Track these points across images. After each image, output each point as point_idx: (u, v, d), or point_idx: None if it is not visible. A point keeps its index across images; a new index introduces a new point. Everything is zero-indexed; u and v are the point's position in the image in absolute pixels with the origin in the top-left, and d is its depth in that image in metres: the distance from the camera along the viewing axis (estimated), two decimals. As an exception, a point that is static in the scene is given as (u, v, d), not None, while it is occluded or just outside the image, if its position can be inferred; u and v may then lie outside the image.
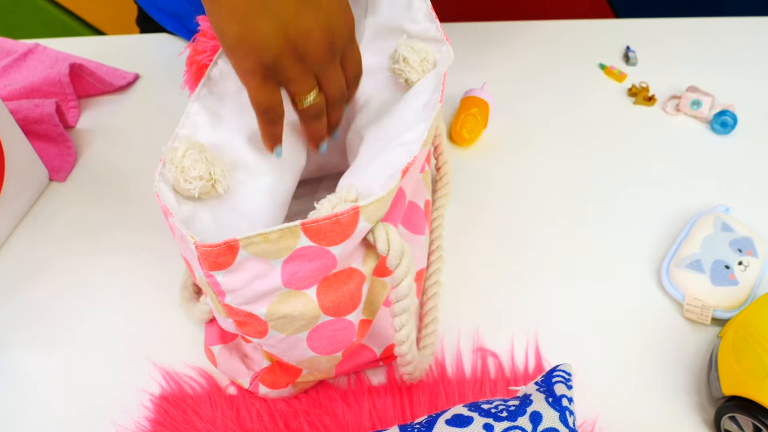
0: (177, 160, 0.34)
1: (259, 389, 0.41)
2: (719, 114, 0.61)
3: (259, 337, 0.34)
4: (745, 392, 0.37)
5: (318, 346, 0.35)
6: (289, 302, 0.32)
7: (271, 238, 0.30)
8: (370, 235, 0.32)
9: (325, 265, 0.31)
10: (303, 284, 0.32)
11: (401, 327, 0.35)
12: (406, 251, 0.32)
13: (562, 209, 0.55)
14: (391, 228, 0.32)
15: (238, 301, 0.32)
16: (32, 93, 0.61)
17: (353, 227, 0.31)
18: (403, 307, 0.34)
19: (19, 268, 0.50)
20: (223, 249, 0.30)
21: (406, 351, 0.36)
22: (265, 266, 0.31)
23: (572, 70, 0.69)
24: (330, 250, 0.31)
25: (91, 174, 0.58)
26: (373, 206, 0.31)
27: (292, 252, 0.30)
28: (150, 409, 0.41)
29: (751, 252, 0.48)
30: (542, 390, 0.30)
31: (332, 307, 0.33)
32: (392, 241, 0.32)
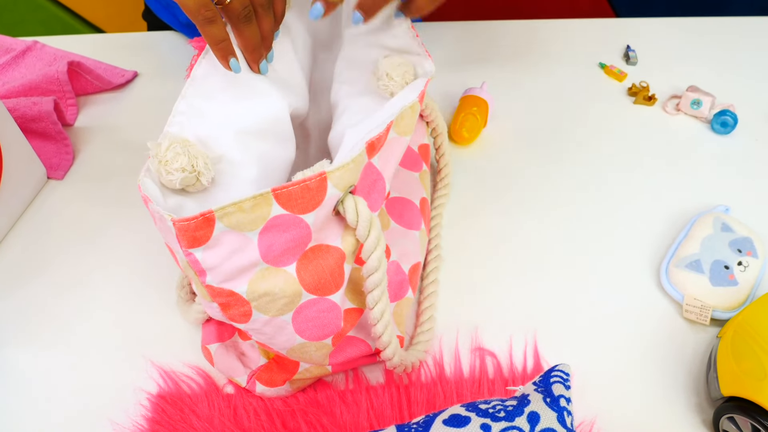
0: (161, 154, 0.35)
1: (256, 387, 0.41)
2: (719, 114, 0.61)
3: (245, 320, 0.34)
4: (743, 393, 0.37)
5: (305, 330, 0.35)
6: (269, 279, 0.33)
7: (245, 206, 0.30)
8: (341, 206, 0.33)
9: (300, 235, 0.32)
10: (281, 260, 0.33)
11: (374, 303, 0.35)
12: (374, 223, 0.33)
13: (562, 209, 0.55)
14: (360, 200, 0.33)
15: (219, 279, 0.32)
16: (30, 91, 0.61)
17: (323, 193, 0.31)
18: (375, 281, 0.34)
19: (17, 266, 0.50)
20: (200, 222, 0.30)
21: (381, 331, 0.37)
22: (241, 239, 0.31)
23: (572, 70, 0.69)
24: (303, 218, 0.31)
25: (89, 172, 0.58)
26: (338, 172, 0.32)
27: (266, 222, 0.31)
28: (147, 408, 0.41)
29: (750, 252, 0.48)
30: (540, 390, 0.30)
31: (313, 284, 0.34)
32: (360, 211, 0.33)
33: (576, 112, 0.64)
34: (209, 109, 0.39)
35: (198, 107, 0.39)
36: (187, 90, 0.39)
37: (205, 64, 0.41)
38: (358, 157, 0.33)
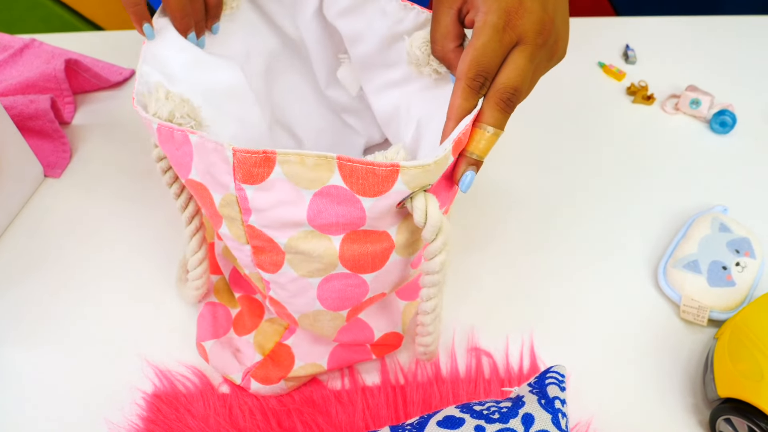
0: (162, 99, 0.34)
1: (251, 385, 0.41)
2: (718, 113, 0.61)
3: (273, 270, 0.34)
4: (740, 394, 0.37)
5: (327, 298, 0.35)
6: (311, 242, 0.32)
7: (307, 162, 0.29)
8: (409, 202, 0.31)
9: (352, 215, 0.31)
10: (329, 229, 0.32)
11: (428, 298, 0.35)
12: (444, 228, 0.31)
13: (559, 208, 0.54)
14: (432, 200, 0.31)
15: (263, 223, 0.32)
16: (28, 89, 0.61)
17: (389, 185, 0.29)
18: (433, 281, 0.33)
19: (13, 265, 0.50)
20: (260, 158, 0.29)
21: (429, 322, 0.36)
22: (294, 193, 0.30)
23: (571, 68, 0.68)
24: (360, 199, 0.30)
25: (87, 170, 0.58)
26: (413, 170, 0.29)
27: (323, 186, 0.30)
28: (143, 407, 0.41)
29: (748, 253, 0.47)
30: (535, 391, 0.30)
31: (351, 261, 0.33)
32: (431, 214, 0.30)
33: (574, 111, 0.64)
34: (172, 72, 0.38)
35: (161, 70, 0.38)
36: (146, 54, 0.38)
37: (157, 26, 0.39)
38: (442, 159, 0.30)
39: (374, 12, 0.40)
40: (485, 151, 0.32)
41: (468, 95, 0.32)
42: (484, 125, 0.32)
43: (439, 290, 0.34)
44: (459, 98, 0.32)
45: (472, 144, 0.32)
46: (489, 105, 0.32)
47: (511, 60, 0.32)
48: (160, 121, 0.32)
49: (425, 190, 0.31)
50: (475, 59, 0.31)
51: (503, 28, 0.31)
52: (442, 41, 0.35)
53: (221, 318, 0.44)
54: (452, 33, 0.35)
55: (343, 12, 0.41)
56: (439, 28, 0.35)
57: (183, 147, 0.32)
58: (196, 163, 0.32)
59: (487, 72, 0.32)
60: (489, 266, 0.50)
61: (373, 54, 0.42)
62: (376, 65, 0.43)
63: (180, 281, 0.45)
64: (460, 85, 0.32)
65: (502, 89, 0.32)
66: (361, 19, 0.41)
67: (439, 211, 0.31)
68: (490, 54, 0.31)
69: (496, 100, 0.32)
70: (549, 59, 0.34)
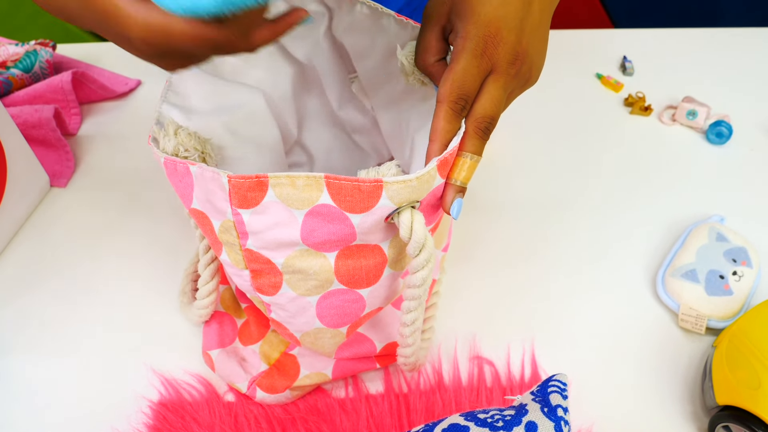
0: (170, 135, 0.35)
1: (257, 394, 0.41)
2: (715, 124, 0.62)
3: (272, 292, 0.35)
4: (738, 402, 0.37)
5: (326, 316, 0.36)
6: (306, 260, 0.33)
7: (297, 183, 0.31)
8: (396, 217, 0.32)
9: (342, 232, 0.32)
10: (323, 247, 0.33)
11: (408, 311, 0.36)
12: (428, 245, 0.32)
13: (558, 218, 0.55)
14: (419, 217, 0.32)
15: (259, 245, 0.33)
16: (35, 100, 0.62)
17: (374, 200, 0.31)
18: (414, 294, 0.34)
19: (20, 274, 0.51)
20: (254, 183, 0.31)
21: (408, 333, 0.37)
22: (287, 214, 0.32)
23: (569, 80, 0.69)
24: (349, 216, 0.31)
25: (92, 180, 0.58)
26: (397, 185, 0.30)
27: (313, 206, 0.31)
28: (149, 416, 0.42)
29: (745, 262, 0.48)
30: (538, 400, 0.31)
31: (347, 276, 0.34)
32: (416, 229, 0.32)
33: (572, 122, 0.65)
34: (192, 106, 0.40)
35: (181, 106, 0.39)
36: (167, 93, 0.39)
37: None
38: (425, 176, 0.31)
39: (377, 27, 0.41)
40: (468, 178, 0.34)
41: (451, 117, 0.33)
42: (465, 153, 0.33)
43: (420, 304, 0.35)
44: (442, 120, 0.33)
45: (455, 172, 0.33)
46: (468, 134, 0.34)
47: (486, 90, 0.34)
48: (165, 156, 0.34)
49: (414, 207, 0.32)
50: (456, 83, 0.33)
51: (480, 55, 0.33)
52: (424, 54, 0.37)
53: (227, 327, 0.45)
54: (434, 48, 0.36)
55: (349, 30, 0.42)
56: (423, 42, 0.36)
57: (185, 178, 0.34)
58: (196, 192, 0.34)
59: (467, 96, 0.33)
60: (489, 275, 0.51)
61: (378, 68, 0.43)
62: (381, 81, 0.44)
63: (183, 306, 0.46)
64: (443, 107, 0.33)
65: (480, 119, 0.34)
66: (366, 35, 0.42)
67: (424, 228, 0.32)
68: (469, 79, 0.33)
69: (474, 129, 0.34)
70: (522, 86, 0.36)
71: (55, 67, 0.66)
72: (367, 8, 0.40)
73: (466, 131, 0.33)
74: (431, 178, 0.32)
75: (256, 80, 0.46)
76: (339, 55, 0.46)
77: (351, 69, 0.47)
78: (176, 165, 0.34)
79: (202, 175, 0.32)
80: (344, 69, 0.47)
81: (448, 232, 0.44)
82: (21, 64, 0.63)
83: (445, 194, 0.34)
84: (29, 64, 0.64)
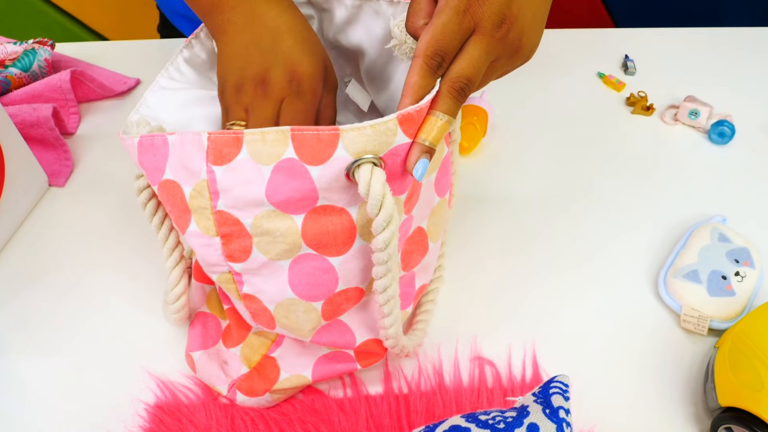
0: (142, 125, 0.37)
1: (237, 397, 0.41)
2: (717, 124, 0.61)
3: (244, 257, 0.35)
4: (741, 403, 0.37)
5: (298, 284, 0.36)
6: (274, 221, 0.34)
7: (267, 138, 0.32)
8: (356, 171, 0.31)
9: (303, 187, 0.32)
10: (287, 207, 0.33)
11: (378, 277, 0.34)
12: (388, 201, 0.31)
13: (560, 218, 0.55)
14: (378, 173, 0.31)
15: (229, 204, 0.34)
16: (33, 99, 0.62)
17: (331, 150, 0.31)
18: (380, 259, 0.33)
19: (17, 273, 0.50)
20: (231, 139, 0.32)
21: (383, 301, 0.36)
22: (256, 171, 0.32)
23: (571, 79, 0.69)
24: (309, 170, 0.31)
25: (91, 179, 0.58)
26: (351, 133, 0.30)
27: (279, 160, 0.32)
28: (145, 418, 0.41)
29: (747, 263, 0.48)
30: (539, 401, 0.30)
31: (314, 239, 0.34)
32: (374, 185, 0.31)
33: (574, 121, 0.64)
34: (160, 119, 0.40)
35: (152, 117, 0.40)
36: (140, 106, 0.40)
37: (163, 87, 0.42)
38: (380, 126, 0.30)
39: (369, 15, 0.41)
40: (437, 139, 0.32)
41: (425, 73, 0.32)
42: (437, 112, 0.32)
43: (389, 270, 0.34)
44: (416, 75, 0.32)
45: (424, 131, 0.32)
46: (442, 93, 0.32)
47: (466, 50, 0.32)
48: (141, 135, 0.35)
49: (376, 164, 0.31)
50: (434, 38, 0.32)
51: (464, 12, 0.32)
52: (414, 17, 0.35)
53: (211, 329, 0.44)
54: (424, 10, 0.35)
55: (342, 26, 0.42)
56: (413, 4, 0.35)
57: (161, 150, 0.35)
58: (170, 161, 0.35)
59: (444, 52, 0.32)
60: (491, 275, 0.50)
61: (377, 60, 0.43)
62: (382, 75, 0.44)
63: (165, 304, 0.45)
64: (418, 62, 0.32)
65: (455, 78, 0.32)
66: (360, 26, 0.42)
67: (383, 185, 0.31)
68: (449, 35, 0.32)
69: (448, 88, 0.32)
70: (511, 56, 0.34)
71: (54, 66, 0.66)
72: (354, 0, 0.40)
73: (440, 90, 0.32)
74: (390, 131, 0.31)
75: None
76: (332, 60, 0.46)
77: (345, 72, 0.47)
78: (153, 138, 0.35)
79: (181, 140, 0.34)
80: (337, 73, 0.47)
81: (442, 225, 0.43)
82: (19, 63, 0.63)
83: (410, 152, 0.32)
84: (28, 63, 0.64)
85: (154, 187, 0.36)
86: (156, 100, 0.40)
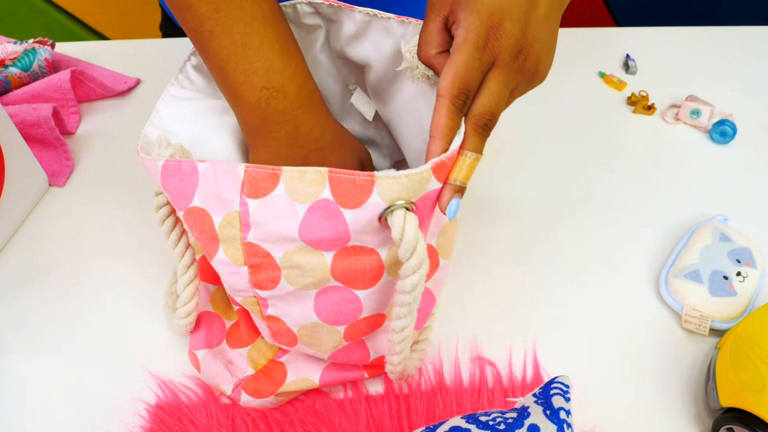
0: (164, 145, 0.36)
1: (241, 397, 0.41)
2: (718, 123, 0.61)
3: (271, 286, 0.35)
4: (742, 404, 0.37)
5: (323, 311, 0.36)
6: (305, 256, 0.33)
7: (306, 177, 0.32)
8: (389, 216, 0.31)
9: (337, 229, 0.32)
10: (319, 245, 0.33)
11: (398, 317, 0.35)
12: (420, 248, 0.32)
13: (561, 218, 0.55)
14: (411, 218, 0.31)
15: (261, 237, 0.33)
16: (34, 98, 0.62)
17: (366, 195, 0.31)
18: (403, 300, 0.34)
19: (17, 273, 0.50)
20: (268, 174, 0.32)
21: (397, 341, 0.36)
22: (290, 208, 0.32)
23: (571, 78, 0.69)
24: (343, 212, 0.32)
25: (91, 179, 0.58)
26: (386, 180, 0.30)
27: (315, 200, 0.32)
28: (145, 418, 0.41)
29: (749, 263, 0.48)
30: (540, 402, 0.30)
31: (342, 275, 0.34)
32: (407, 231, 0.31)
33: (575, 121, 0.64)
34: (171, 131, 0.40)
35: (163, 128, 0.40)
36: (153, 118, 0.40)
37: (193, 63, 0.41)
38: (415, 176, 0.31)
39: (379, 31, 0.41)
40: (468, 177, 0.33)
41: (452, 114, 0.32)
42: (465, 151, 0.32)
43: (410, 311, 0.35)
44: (444, 116, 0.32)
45: (455, 171, 0.32)
46: (468, 131, 0.32)
47: (487, 85, 0.33)
48: (166, 158, 0.35)
49: (408, 210, 0.31)
50: (457, 76, 0.32)
51: (483, 47, 0.32)
52: (426, 46, 0.35)
53: (215, 328, 0.44)
54: (436, 40, 0.35)
55: (351, 39, 0.41)
56: (425, 33, 0.35)
57: (189, 177, 0.34)
58: (200, 189, 0.34)
59: (468, 90, 0.32)
60: (491, 276, 0.50)
61: (384, 75, 0.43)
62: (389, 89, 0.44)
63: (168, 309, 0.45)
64: (444, 102, 0.32)
65: (479, 115, 0.32)
66: (368, 41, 0.41)
67: (416, 230, 0.31)
68: (471, 72, 0.32)
69: (474, 126, 0.32)
70: (529, 82, 0.35)
71: (54, 66, 0.66)
72: (365, 15, 0.40)
73: (466, 129, 0.33)
74: (424, 180, 0.31)
75: None
76: (336, 68, 0.46)
77: (350, 80, 0.47)
78: (180, 164, 0.34)
79: (214, 169, 0.33)
80: (342, 82, 0.47)
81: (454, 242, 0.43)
82: (19, 63, 0.63)
83: (442, 192, 0.33)
84: (28, 63, 0.63)
85: (180, 212, 0.36)
86: (168, 111, 0.40)
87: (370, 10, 0.39)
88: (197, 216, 0.35)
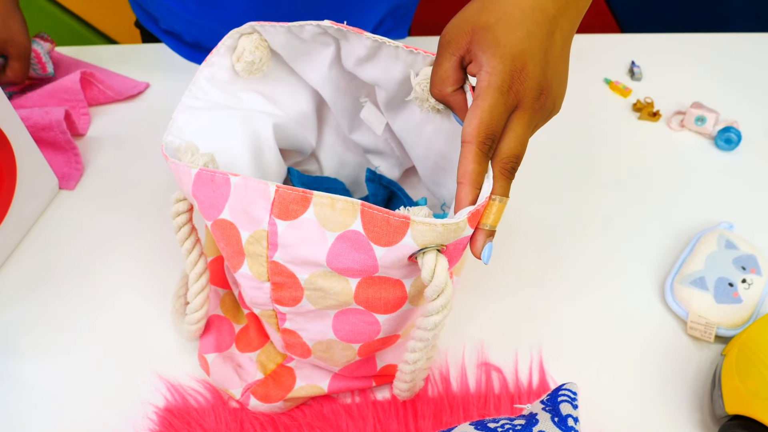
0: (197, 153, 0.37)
1: (250, 401, 0.41)
2: (723, 130, 0.61)
3: (292, 304, 0.35)
4: (748, 411, 0.37)
5: (341, 330, 0.36)
6: (329, 280, 0.34)
7: (336, 206, 0.32)
8: (420, 257, 0.32)
9: (365, 262, 0.32)
10: (345, 273, 0.33)
11: (413, 351, 0.36)
12: (447, 291, 0.32)
13: (566, 224, 0.55)
14: (443, 261, 0.32)
15: (287, 258, 0.33)
16: (45, 100, 0.62)
17: (399, 236, 0.31)
18: (422, 336, 0.34)
19: (27, 276, 0.51)
20: (300, 197, 0.32)
21: (408, 371, 0.37)
22: (319, 234, 0.32)
23: (577, 85, 0.69)
24: (373, 248, 0.32)
25: (101, 182, 0.58)
26: (422, 226, 0.31)
27: (345, 230, 0.32)
28: (154, 422, 0.41)
29: (754, 270, 0.48)
30: (548, 409, 0.31)
31: (364, 301, 0.34)
32: (438, 273, 0.32)
33: (580, 127, 0.64)
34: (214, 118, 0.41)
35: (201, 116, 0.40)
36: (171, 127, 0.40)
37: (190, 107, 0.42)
38: (452, 225, 0.31)
39: (389, 57, 0.41)
40: (498, 221, 0.33)
41: (480, 159, 0.32)
42: (494, 196, 0.33)
43: (426, 346, 0.35)
44: (472, 162, 0.32)
45: (485, 216, 0.33)
46: (496, 176, 0.33)
47: (512, 128, 0.33)
48: (200, 167, 0.35)
49: (439, 251, 0.32)
50: (483, 122, 0.32)
51: (507, 91, 0.32)
52: (440, 84, 0.36)
53: (225, 332, 0.45)
54: (451, 78, 0.35)
55: (361, 61, 0.42)
56: (439, 71, 0.36)
57: (220, 189, 0.34)
58: (230, 203, 0.34)
59: (494, 135, 0.32)
60: (498, 282, 0.50)
61: (395, 97, 0.43)
62: (399, 108, 0.44)
63: (176, 313, 0.45)
64: (472, 149, 0.32)
65: (506, 159, 0.33)
66: (378, 66, 0.42)
67: (446, 273, 0.32)
68: (497, 117, 0.32)
69: (501, 170, 0.33)
70: (546, 117, 0.35)
71: (56, 66, 0.66)
72: (373, 41, 0.40)
73: (494, 174, 0.33)
74: (460, 229, 0.31)
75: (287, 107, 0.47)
76: (347, 82, 0.46)
77: (361, 94, 0.47)
78: (214, 175, 0.34)
79: (245, 184, 0.33)
80: (353, 96, 0.47)
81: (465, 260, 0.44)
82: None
83: (475, 239, 0.33)
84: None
85: (208, 222, 0.36)
86: (184, 121, 0.40)
87: (378, 37, 0.40)
88: (225, 229, 0.35)
